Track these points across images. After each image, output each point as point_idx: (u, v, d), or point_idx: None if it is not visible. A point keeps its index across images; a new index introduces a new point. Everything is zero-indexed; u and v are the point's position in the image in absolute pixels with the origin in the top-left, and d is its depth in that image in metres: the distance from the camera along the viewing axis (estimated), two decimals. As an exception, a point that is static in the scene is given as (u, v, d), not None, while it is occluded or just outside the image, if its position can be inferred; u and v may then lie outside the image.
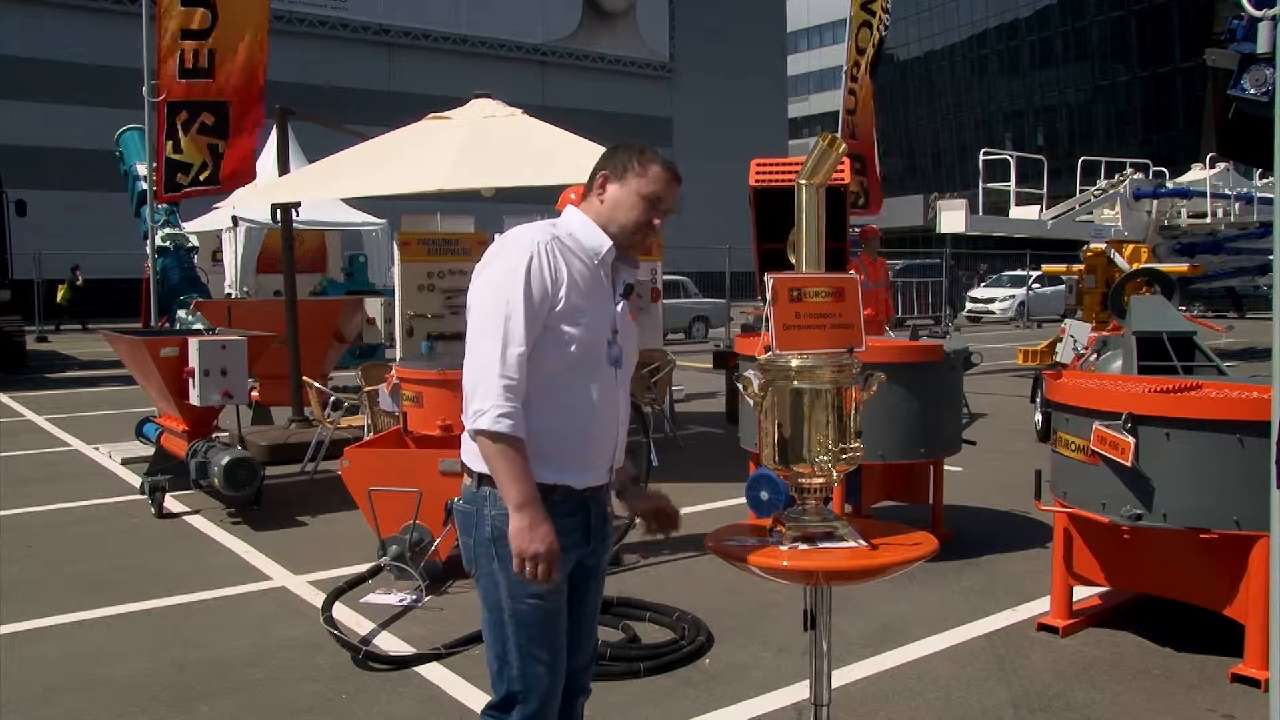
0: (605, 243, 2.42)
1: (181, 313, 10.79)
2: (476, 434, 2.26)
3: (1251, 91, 3.40)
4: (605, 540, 2.54)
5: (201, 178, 9.51)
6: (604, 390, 2.39)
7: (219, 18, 9.28)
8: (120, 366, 10.07)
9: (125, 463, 8.54)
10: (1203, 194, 16.18)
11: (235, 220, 14.88)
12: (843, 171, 7.31)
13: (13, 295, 16.90)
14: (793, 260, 2.73)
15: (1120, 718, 3.70)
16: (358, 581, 5.07)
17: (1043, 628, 4.54)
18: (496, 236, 2.86)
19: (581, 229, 2.44)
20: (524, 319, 2.27)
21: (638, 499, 2.62)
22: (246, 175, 9.58)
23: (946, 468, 6.08)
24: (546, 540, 2.23)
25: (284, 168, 9.45)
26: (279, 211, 9.15)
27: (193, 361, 6.76)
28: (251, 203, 11.03)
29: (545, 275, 2.30)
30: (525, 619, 2.33)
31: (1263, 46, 2.62)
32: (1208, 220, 16.47)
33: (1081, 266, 16.15)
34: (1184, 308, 15.73)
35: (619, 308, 2.46)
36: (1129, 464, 4.01)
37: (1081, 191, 16.49)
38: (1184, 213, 16.73)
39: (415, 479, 5.12)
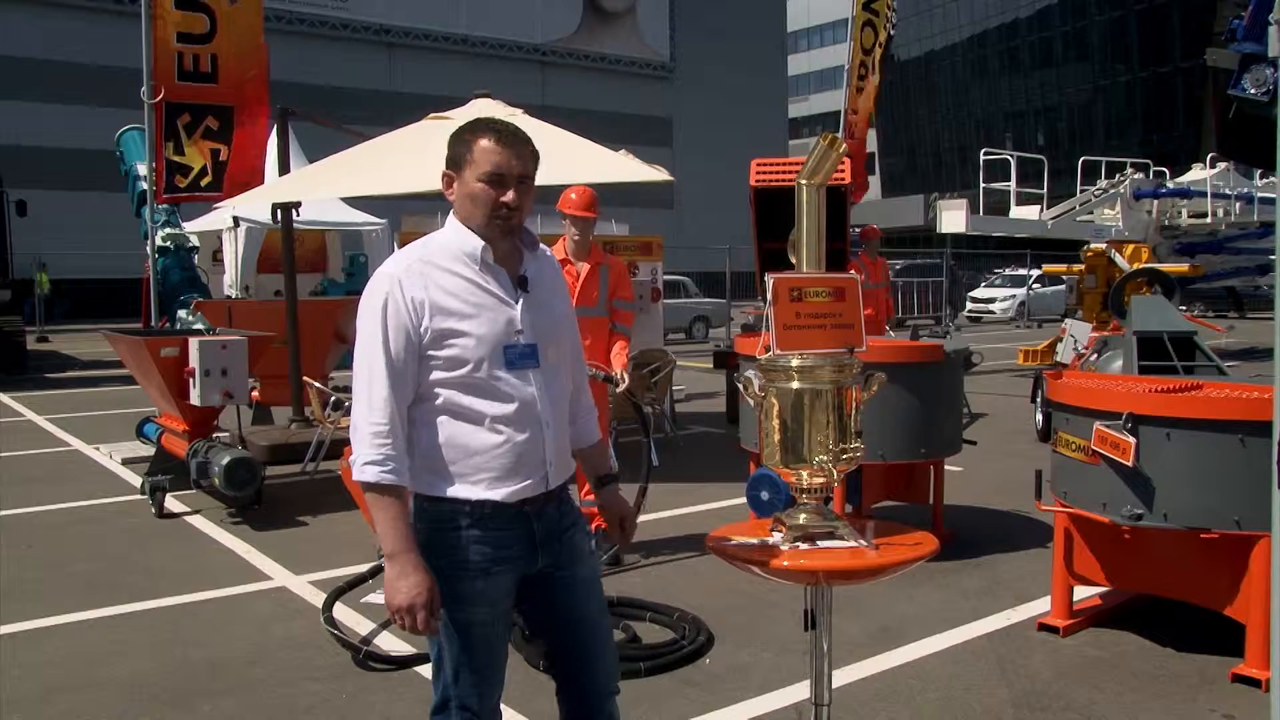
0: (477, 244, 2.31)
1: (182, 313, 10.78)
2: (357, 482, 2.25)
3: (1252, 91, 3.40)
4: (567, 552, 2.41)
5: (203, 183, 9.52)
6: (518, 398, 2.29)
7: (218, 24, 9.31)
8: (120, 366, 10.07)
9: (125, 463, 8.54)
10: (1203, 194, 16.19)
11: (236, 220, 14.89)
12: (843, 171, 7.31)
13: (13, 295, 16.90)
14: (793, 260, 2.73)
15: (1121, 718, 3.70)
16: (358, 581, 5.06)
17: (1043, 628, 4.54)
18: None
19: (453, 237, 2.34)
20: (384, 362, 2.23)
21: (607, 499, 2.59)
22: (253, 183, 9.59)
23: (947, 468, 6.08)
24: (411, 594, 2.18)
25: (284, 168, 9.44)
26: (279, 211, 9.15)
27: (193, 361, 6.76)
28: (252, 203, 11.03)
29: (403, 310, 2.23)
30: (456, 630, 2.29)
31: (1274, 51, 2.62)
32: (1208, 220, 16.48)
33: (1082, 266, 16.16)
34: (1184, 308, 15.73)
35: (519, 303, 2.33)
36: (1130, 464, 4.00)
37: (1082, 191, 16.49)
38: (1184, 213, 16.74)
39: (415, 479, 5.11)
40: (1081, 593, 4.73)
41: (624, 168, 7.41)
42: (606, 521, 2.61)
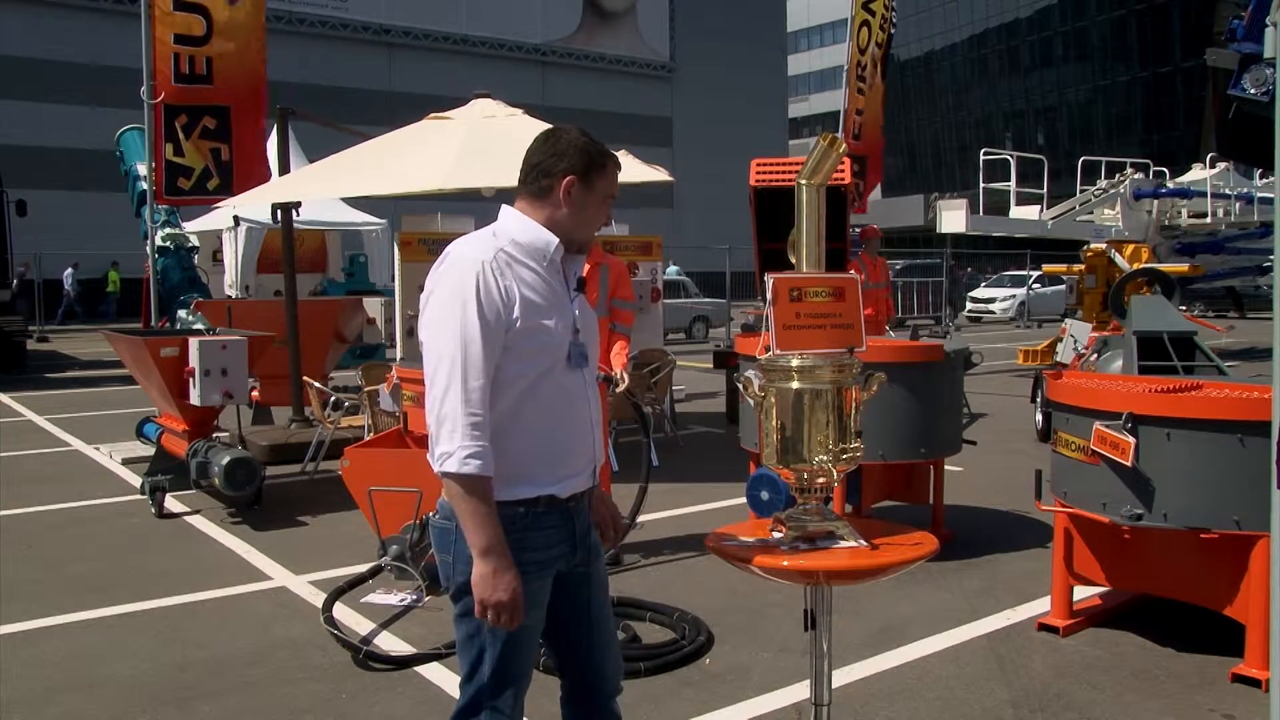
0: (552, 240, 2.30)
1: (182, 313, 10.79)
2: (444, 476, 2.17)
3: (1251, 91, 3.40)
4: (594, 547, 2.46)
5: (210, 185, 9.57)
6: (573, 394, 2.32)
7: (215, 27, 9.35)
8: (120, 366, 10.08)
9: (125, 463, 8.54)
10: (1203, 194, 16.19)
11: (236, 220, 14.90)
12: (843, 171, 7.31)
13: (13, 295, 16.92)
14: (793, 260, 2.73)
15: (1121, 718, 3.70)
16: (358, 581, 5.07)
17: (1043, 628, 4.54)
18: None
19: (524, 232, 2.31)
20: (481, 349, 2.16)
21: (596, 500, 2.56)
22: (257, 182, 9.62)
23: (946, 468, 6.08)
24: (510, 589, 2.17)
25: (284, 168, 9.44)
26: (279, 211, 9.16)
27: (193, 361, 6.77)
28: (252, 203, 11.05)
29: (496, 298, 2.18)
30: (501, 633, 2.28)
31: (1270, 51, 2.63)
32: (1208, 220, 16.49)
33: (1082, 266, 16.16)
34: (1184, 308, 15.72)
35: (575, 304, 2.36)
36: (1129, 464, 4.00)
37: (1082, 191, 16.50)
38: (1184, 213, 16.74)
39: (415, 479, 5.12)
40: (1081, 593, 4.73)
41: (624, 168, 7.42)
42: (605, 523, 2.60)
